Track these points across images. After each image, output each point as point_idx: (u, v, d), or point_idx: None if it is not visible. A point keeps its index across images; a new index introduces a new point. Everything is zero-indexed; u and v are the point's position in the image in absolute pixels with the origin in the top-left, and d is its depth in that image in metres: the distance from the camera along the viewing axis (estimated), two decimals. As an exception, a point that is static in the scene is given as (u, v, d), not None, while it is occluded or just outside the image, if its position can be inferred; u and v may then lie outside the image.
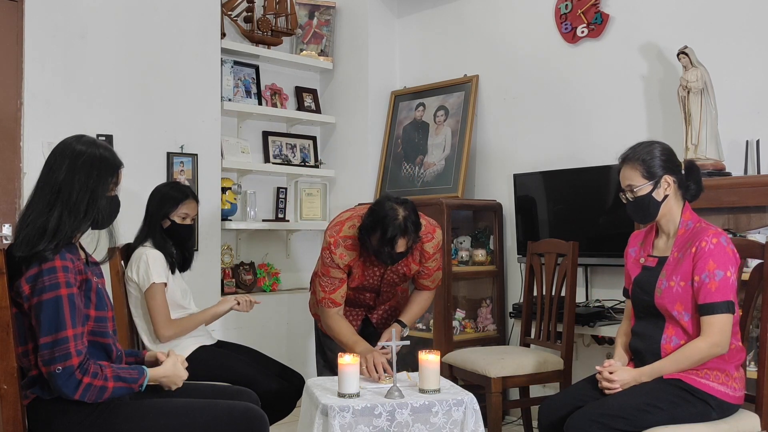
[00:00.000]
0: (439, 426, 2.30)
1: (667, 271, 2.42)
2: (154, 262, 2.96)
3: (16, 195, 3.46)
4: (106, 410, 2.06)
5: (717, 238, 2.34)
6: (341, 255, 2.89)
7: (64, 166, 2.06)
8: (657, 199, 2.43)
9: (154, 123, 3.92)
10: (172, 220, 3.06)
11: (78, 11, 3.67)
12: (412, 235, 2.78)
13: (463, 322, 4.21)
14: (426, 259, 3.01)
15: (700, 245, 2.35)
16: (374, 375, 2.61)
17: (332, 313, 2.94)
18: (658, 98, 3.64)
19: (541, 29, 4.16)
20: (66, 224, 2.02)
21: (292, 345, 4.47)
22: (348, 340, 2.88)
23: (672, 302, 2.38)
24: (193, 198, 3.14)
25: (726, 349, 2.31)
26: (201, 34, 4.12)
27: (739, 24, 3.38)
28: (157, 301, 2.94)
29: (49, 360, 1.96)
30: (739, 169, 3.25)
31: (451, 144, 4.46)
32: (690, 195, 2.49)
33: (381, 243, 2.76)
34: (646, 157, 2.44)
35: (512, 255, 4.22)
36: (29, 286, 1.98)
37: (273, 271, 4.69)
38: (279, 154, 4.79)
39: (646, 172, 2.43)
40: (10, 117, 3.46)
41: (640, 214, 2.49)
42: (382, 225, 2.74)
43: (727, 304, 2.30)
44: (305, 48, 5.00)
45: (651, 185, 2.43)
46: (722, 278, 2.30)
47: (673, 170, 2.45)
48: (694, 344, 2.32)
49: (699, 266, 2.33)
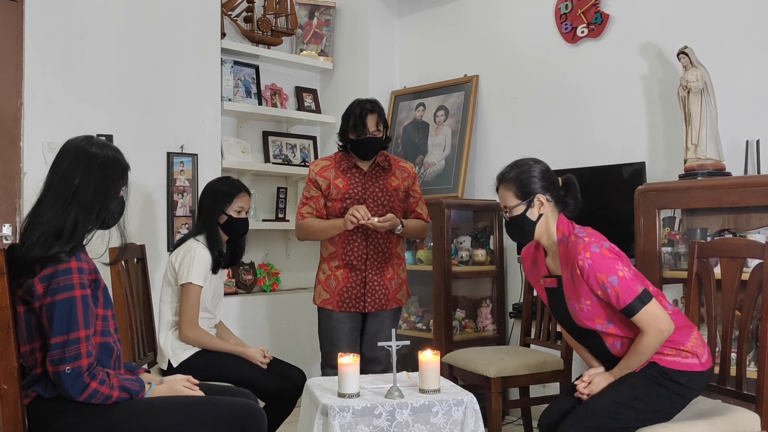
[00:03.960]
0: (439, 426, 2.30)
1: (569, 294, 2.42)
2: (198, 262, 3.00)
3: (16, 195, 3.46)
4: (107, 408, 2.07)
5: (588, 251, 2.32)
6: (320, 170, 3.28)
7: (79, 169, 2.11)
8: (531, 219, 2.44)
9: (154, 123, 3.92)
10: (229, 215, 3.10)
11: (78, 11, 3.67)
12: (378, 110, 3.22)
13: (463, 322, 4.21)
14: (407, 177, 3.34)
15: (579, 265, 2.33)
16: (361, 215, 3.02)
17: (305, 220, 3.27)
18: (658, 98, 3.65)
19: (541, 29, 4.16)
20: (81, 226, 2.07)
21: (292, 345, 4.46)
22: (325, 224, 3.23)
23: (590, 320, 2.39)
24: (246, 191, 3.17)
25: (671, 326, 2.30)
26: (201, 34, 4.12)
27: (738, 24, 3.38)
28: (190, 300, 2.98)
29: (58, 360, 1.98)
30: (739, 169, 3.25)
31: (451, 144, 4.46)
32: (569, 211, 2.49)
33: (355, 128, 3.17)
34: (521, 176, 2.45)
35: (512, 255, 4.22)
36: (43, 285, 2.00)
37: (273, 271, 4.69)
38: (279, 154, 4.79)
39: (519, 191, 2.44)
40: (10, 117, 3.46)
41: (516, 234, 2.51)
42: (351, 110, 3.23)
43: (640, 297, 2.28)
44: (305, 48, 5.00)
45: (524, 205, 2.43)
46: (619, 281, 2.29)
47: (547, 188, 2.45)
48: (643, 341, 2.31)
49: (592, 284, 2.32)
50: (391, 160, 3.38)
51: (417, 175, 3.46)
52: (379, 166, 3.31)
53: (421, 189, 3.45)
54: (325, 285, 3.29)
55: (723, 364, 2.57)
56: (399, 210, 3.31)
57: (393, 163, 3.37)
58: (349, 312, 3.26)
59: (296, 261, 4.89)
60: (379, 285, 3.26)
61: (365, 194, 3.25)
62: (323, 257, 3.35)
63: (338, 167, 3.28)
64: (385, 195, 3.27)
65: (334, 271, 3.27)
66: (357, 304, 3.25)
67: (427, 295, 4.34)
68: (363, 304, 3.25)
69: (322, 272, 3.33)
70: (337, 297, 3.25)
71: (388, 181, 3.29)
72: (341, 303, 3.25)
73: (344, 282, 3.25)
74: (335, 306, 3.26)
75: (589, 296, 2.35)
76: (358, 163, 3.29)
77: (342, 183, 3.25)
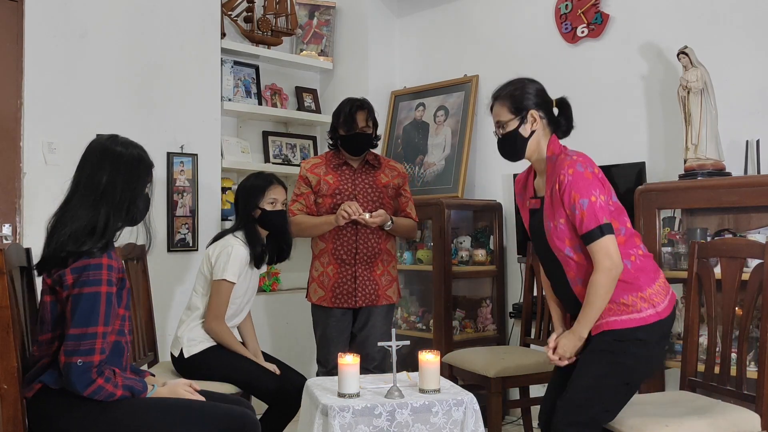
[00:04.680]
0: (439, 426, 2.30)
1: (547, 212, 2.40)
2: (235, 259, 3.01)
3: (16, 195, 3.46)
4: (108, 405, 2.09)
5: (573, 168, 2.31)
6: (311, 167, 3.36)
7: (106, 168, 2.17)
8: (524, 135, 2.42)
9: (154, 123, 3.92)
10: (263, 209, 3.10)
11: (78, 11, 3.67)
12: (368, 107, 3.31)
13: (463, 322, 4.21)
14: (397, 175, 3.41)
15: (560, 179, 2.32)
16: (353, 210, 3.10)
17: (296, 217, 3.32)
18: (658, 98, 3.65)
19: (541, 29, 4.16)
20: (112, 222, 2.15)
21: (291, 345, 4.47)
22: (316, 220, 3.28)
23: (561, 241, 2.36)
24: (279, 183, 3.17)
25: (620, 266, 2.27)
26: (201, 34, 4.12)
27: (739, 24, 3.38)
28: (220, 296, 3.01)
29: (72, 351, 2.02)
30: (739, 169, 3.25)
31: (451, 144, 4.46)
32: (561, 131, 2.48)
33: (344, 124, 3.26)
34: (515, 92, 2.44)
35: (512, 255, 4.22)
36: (73, 276, 2.06)
37: (273, 271, 4.68)
38: (279, 154, 4.79)
39: (513, 107, 2.43)
40: (10, 117, 3.46)
41: (508, 151, 2.49)
42: (341, 107, 3.33)
43: (600, 228, 2.26)
44: (305, 48, 5.00)
45: (518, 120, 2.42)
46: (588, 205, 2.27)
47: (541, 105, 2.44)
48: (593, 281, 2.28)
49: (566, 201, 2.31)
50: (381, 159, 3.45)
51: (407, 176, 3.53)
52: (368, 163, 3.38)
53: (410, 191, 3.51)
54: (319, 282, 3.32)
55: (723, 364, 2.57)
56: (389, 207, 3.35)
57: (383, 162, 3.45)
58: (341, 308, 3.28)
59: (296, 261, 4.84)
60: (369, 280, 3.28)
61: (355, 190, 3.30)
62: (314, 254, 3.39)
63: (329, 164, 3.35)
64: (374, 191, 3.32)
65: (325, 267, 3.31)
66: (349, 300, 3.27)
67: (427, 295, 4.34)
68: (354, 300, 3.27)
69: (314, 269, 3.37)
70: (330, 293, 3.28)
71: (378, 178, 3.36)
72: (334, 299, 3.28)
73: (335, 277, 3.28)
74: (329, 302, 3.28)
75: (563, 215, 2.33)
76: (348, 160, 3.36)
77: (332, 179, 3.31)
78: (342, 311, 3.30)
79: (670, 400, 2.55)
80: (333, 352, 3.23)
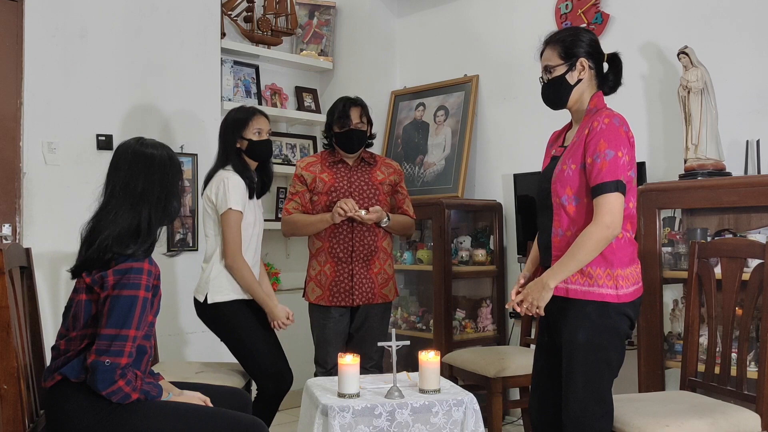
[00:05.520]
0: (439, 426, 2.30)
1: (564, 156, 2.37)
2: (234, 187, 3.01)
3: (16, 195, 3.46)
4: (123, 406, 2.11)
5: (609, 119, 2.28)
6: (306, 165, 3.37)
7: (141, 171, 2.22)
8: (570, 82, 2.39)
9: (154, 123, 3.92)
10: (249, 139, 3.10)
11: (78, 11, 3.67)
12: (361, 104, 3.34)
13: (463, 322, 4.21)
14: (393, 173, 3.42)
15: (592, 126, 2.29)
16: (349, 208, 3.11)
17: (292, 216, 3.33)
18: (658, 98, 3.64)
19: (541, 29, 4.12)
20: (154, 222, 2.21)
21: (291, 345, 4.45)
22: (312, 218, 3.28)
23: (563, 186, 2.33)
24: (261, 114, 3.17)
25: (618, 229, 2.23)
26: (201, 34, 4.12)
27: (739, 24, 3.38)
28: (231, 228, 3.00)
29: (103, 350, 2.05)
30: (739, 169, 3.25)
31: (451, 144, 4.46)
32: (608, 87, 2.44)
33: (339, 120, 3.28)
34: (568, 38, 2.41)
35: (512, 255, 4.22)
36: (115, 278, 2.09)
37: (273, 271, 4.69)
38: (279, 154, 4.79)
39: (563, 52, 2.40)
40: (10, 117, 3.46)
41: (551, 97, 2.45)
42: (335, 105, 3.34)
43: (616, 183, 2.22)
44: (305, 48, 5.00)
45: (566, 66, 2.39)
46: (613, 158, 2.23)
47: (592, 56, 2.40)
48: (585, 231, 2.23)
49: (590, 147, 2.27)
50: (377, 158, 3.47)
51: (403, 174, 3.55)
52: (364, 161, 3.39)
53: (407, 189, 3.52)
54: (317, 281, 3.31)
55: (723, 364, 2.57)
56: (384, 204, 3.35)
57: (378, 159, 3.46)
58: (339, 306, 3.28)
59: (296, 261, 4.89)
60: (365, 278, 3.28)
61: (351, 188, 3.30)
62: (311, 253, 3.38)
63: (324, 162, 3.37)
64: (370, 188, 3.33)
65: (323, 266, 3.30)
66: (346, 298, 3.27)
67: (427, 295, 4.34)
68: (351, 298, 3.27)
69: (312, 269, 3.36)
70: (328, 292, 3.28)
71: (373, 175, 3.37)
72: (331, 297, 3.28)
73: (332, 276, 3.27)
74: (327, 301, 3.28)
75: (578, 161, 2.30)
76: (343, 158, 3.36)
77: (328, 177, 3.32)
78: (340, 312, 3.29)
79: (670, 400, 2.55)
80: (331, 353, 3.23)
